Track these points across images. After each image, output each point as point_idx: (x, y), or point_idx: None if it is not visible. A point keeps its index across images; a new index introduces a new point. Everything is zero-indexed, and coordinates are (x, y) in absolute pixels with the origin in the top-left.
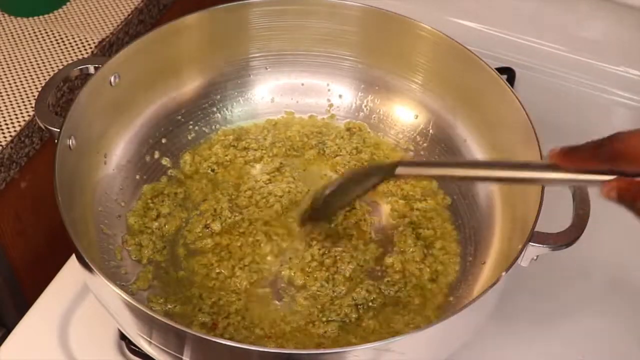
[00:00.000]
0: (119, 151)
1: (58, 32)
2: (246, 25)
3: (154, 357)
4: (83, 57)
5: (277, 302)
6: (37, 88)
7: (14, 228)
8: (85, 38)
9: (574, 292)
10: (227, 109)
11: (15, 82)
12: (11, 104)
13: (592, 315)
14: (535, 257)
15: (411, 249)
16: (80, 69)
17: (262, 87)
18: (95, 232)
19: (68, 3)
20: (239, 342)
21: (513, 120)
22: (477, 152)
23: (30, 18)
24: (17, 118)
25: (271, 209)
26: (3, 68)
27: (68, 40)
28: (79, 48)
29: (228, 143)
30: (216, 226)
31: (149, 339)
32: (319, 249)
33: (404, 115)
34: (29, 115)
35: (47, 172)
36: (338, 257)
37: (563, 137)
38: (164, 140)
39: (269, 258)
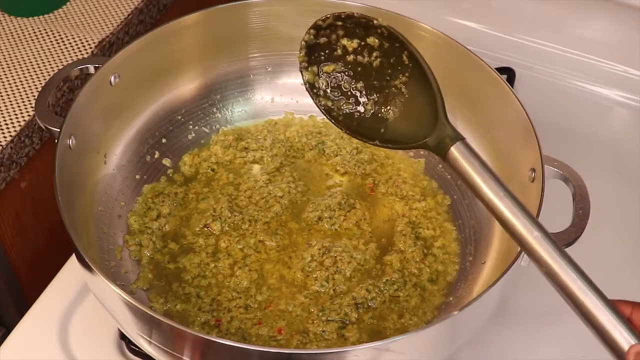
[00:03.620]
0: (119, 151)
1: (58, 32)
2: (246, 25)
3: (154, 357)
4: (83, 57)
5: (278, 301)
6: (37, 88)
7: (14, 228)
8: (85, 38)
9: None
10: (227, 109)
11: (15, 82)
12: (11, 104)
13: None
14: None
15: (411, 249)
16: (80, 69)
17: (262, 87)
18: (95, 232)
19: (68, 3)
20: (239, 341)
21: (513, 120)
22: (477, 151)
23: (30, 18)
24: (17, 118)
25: (271, 209)
26: (3, 68)
27: (68, 40)
28: (79, 48)
29: (228, 143)
30: (216, 226)
31: (149, 339)
32: (319, 249)
33: None
34: (29, 115)
35: (47, 172)
36: (338, 257)
37: (563, 137)
38: (164, 140)
39: (269, 258)
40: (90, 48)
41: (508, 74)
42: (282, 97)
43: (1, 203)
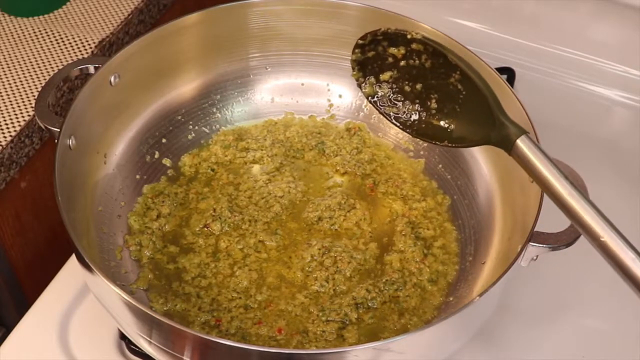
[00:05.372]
0: (119, 151)
1: (58, 32)
2: (246, 25)
3: (154, 357)
4: (83, 57)
5: (277, 301)
6: (37, 88)
7: (14, 228)
8: (85, 38)
9: (574, 292)
10: (227, 109)
11: (15, 82)
12: (11, 104)
13: (592, 315)
14: (535, 257)
15: (411, 249)
16: (80, 69)
17: (262, 87)
18: (95, 232)
19: (68, 3)
20: (239, 340)
21: None
22: (477, 151)
23: (30, 18)
24: (17, 118)
25: (271, 209)
26: (3, 68)
27: (68, 40)
28: (79, 48)
29: (228, 143)
30: (216, 226)
31: (149, 339)
32: (319, 249)
33: None
34: (29, 115)
35: (47, 172)
36: (338, 257)
37: (563, 137)
38: (164, 140)
39: (269, 257)
40: (90, 48)
41: (508, 74)
42: (282, 97)
43: (1, 203)
